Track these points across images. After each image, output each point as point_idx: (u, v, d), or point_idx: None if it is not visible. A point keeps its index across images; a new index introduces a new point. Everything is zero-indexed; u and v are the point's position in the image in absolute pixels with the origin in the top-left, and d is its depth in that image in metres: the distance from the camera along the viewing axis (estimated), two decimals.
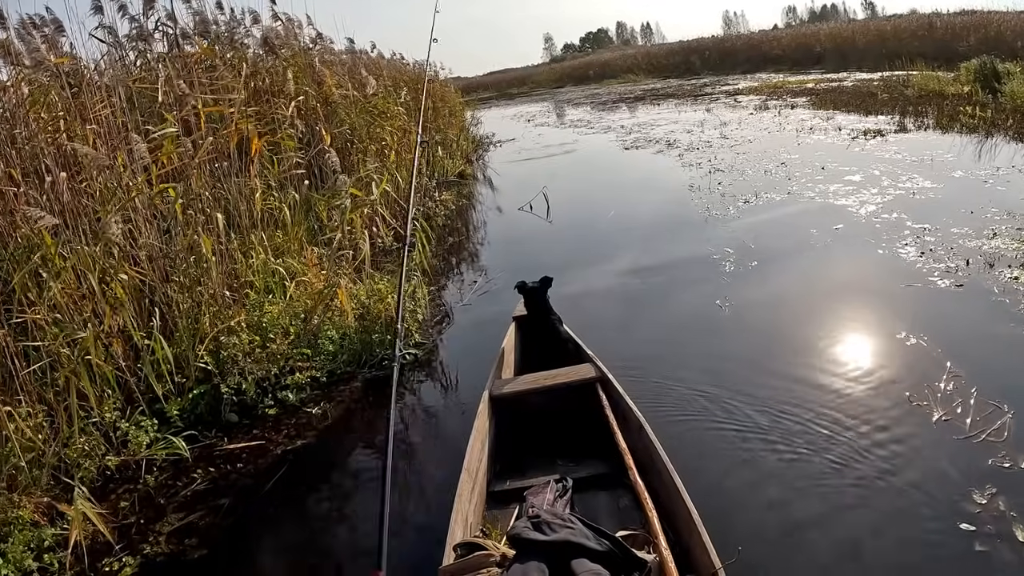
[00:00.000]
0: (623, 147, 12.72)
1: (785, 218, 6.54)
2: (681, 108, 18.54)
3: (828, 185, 7.38)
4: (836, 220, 6.11)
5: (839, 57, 25.95)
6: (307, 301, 4.55)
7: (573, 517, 2.05)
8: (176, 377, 3.92)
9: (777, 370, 3.65)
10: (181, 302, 4.07)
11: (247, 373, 3.94)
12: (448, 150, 12.09)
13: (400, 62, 12.86)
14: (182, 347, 4.01)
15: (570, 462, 2.92)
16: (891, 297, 4.43)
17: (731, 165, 9.28)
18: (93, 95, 4.25)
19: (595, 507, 2.60)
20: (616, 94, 28.34)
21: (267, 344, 4.16)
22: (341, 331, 4.40)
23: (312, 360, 4.19)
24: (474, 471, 2.69)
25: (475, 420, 2.99)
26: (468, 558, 2.04)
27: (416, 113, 10.33)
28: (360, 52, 10.94)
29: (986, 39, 18.97)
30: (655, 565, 1.95)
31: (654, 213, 7.57)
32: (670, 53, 39.00)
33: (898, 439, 2.93)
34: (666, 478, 2.37)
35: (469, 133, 15.92)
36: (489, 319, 4.80)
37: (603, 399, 3.08)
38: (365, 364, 4.30)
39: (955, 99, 12.01)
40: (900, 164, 7.98)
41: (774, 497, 2.69)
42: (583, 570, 1.84)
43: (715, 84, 25.61)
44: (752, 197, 7.31)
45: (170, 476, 3.50)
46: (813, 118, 12.79)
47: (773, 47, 31.78)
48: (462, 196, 10.06)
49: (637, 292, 5.25)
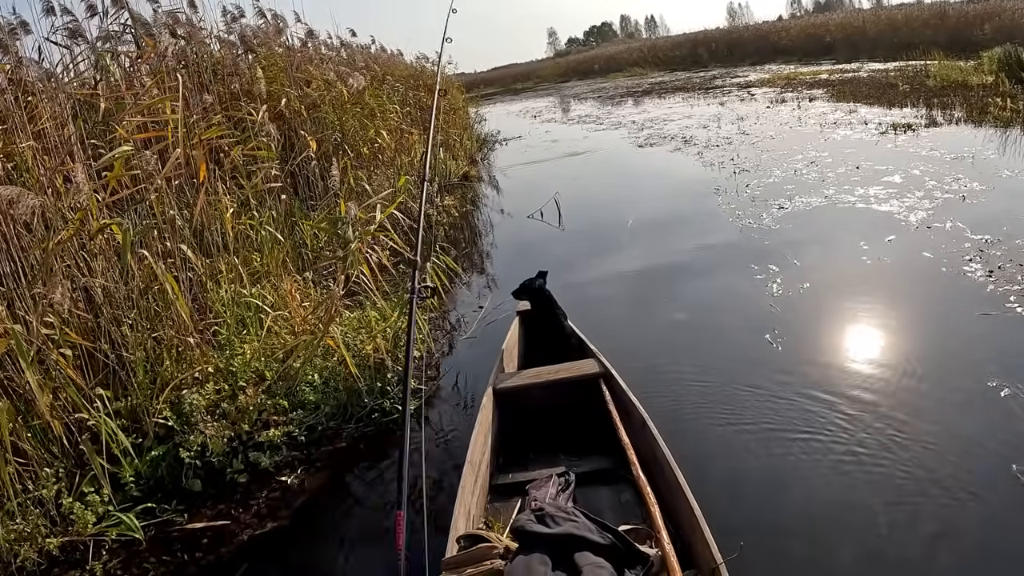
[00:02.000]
0: (636, 145, 12.04)
1: (828, 228, 5.86)
2: (692, 102, 17.87)
3: (867, 187, 6.71)
4: (885, 230, 5.44)
5: (850, 47, 25.57)
6: (286, 338, 3.94)
7: (576, 510, 2.07)
8: (132, 436, 3.32)
9: (844, 434, 3.02)
10: (137, 347, 3.46)
11: (212, 433, 3.32)
12: (451, 150, 11.45)
13: (397, 57, 12.18)
14: (139, 399, 3.41)
15: (573, 456, 2.94)
16: (967, 331, 3.76)
17: (756, 165, 8.61)
18: (37, 107, 3.63)
19: (597, 501, 2.62)
20: (623, 88, 27.75)
21: (237, 394, 3.55)
22: (325, 374, 3.76)
23: (290, 414, 3.55)
24: (477, 464, 2.70)
25: (478, 414, 3.00)
26: (471, 550, 2.03)
27: (414, 111, 9.73)
28: (358, 47, 10.30)
29: (1001, 27, 18.51)
30: (657, 559, 1.95)
31: (679, 222, 6.82)
32: (676, 45, 38.75)
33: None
34: (668, 473, 2.37)
35: (473, 131, 15.26)
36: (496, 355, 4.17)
37: (606, 394, 3.06)
38: (351, 417, 3.64)
39: (981, 90, 11.50)
40: (939, 162, 7.33)
41: (778, 494, 2.70)
42: (586, 563, 1.83)
43: (724, 76, 25.06)
44: (786, 202, 6.64)
45: (122, 561, 2.90)
46: (835, 111, 12.15)
47: (782, 38, 31.49)
48: (466, 200, 9.41)
49: (674, 323, 4.55)
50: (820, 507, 2.59)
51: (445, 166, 10.40)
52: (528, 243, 7.18)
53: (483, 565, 1.96)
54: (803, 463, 2.85)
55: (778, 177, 7.77)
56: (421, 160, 8.79)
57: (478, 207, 9.22)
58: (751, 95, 17.25)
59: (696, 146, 10.71)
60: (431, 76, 11.98)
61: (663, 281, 5.29)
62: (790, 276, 4.83)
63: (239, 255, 4.25)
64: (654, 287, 5.20)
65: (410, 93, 9.55)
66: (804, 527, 2.51)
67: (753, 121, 12.44)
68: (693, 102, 17.85)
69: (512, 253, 6.83)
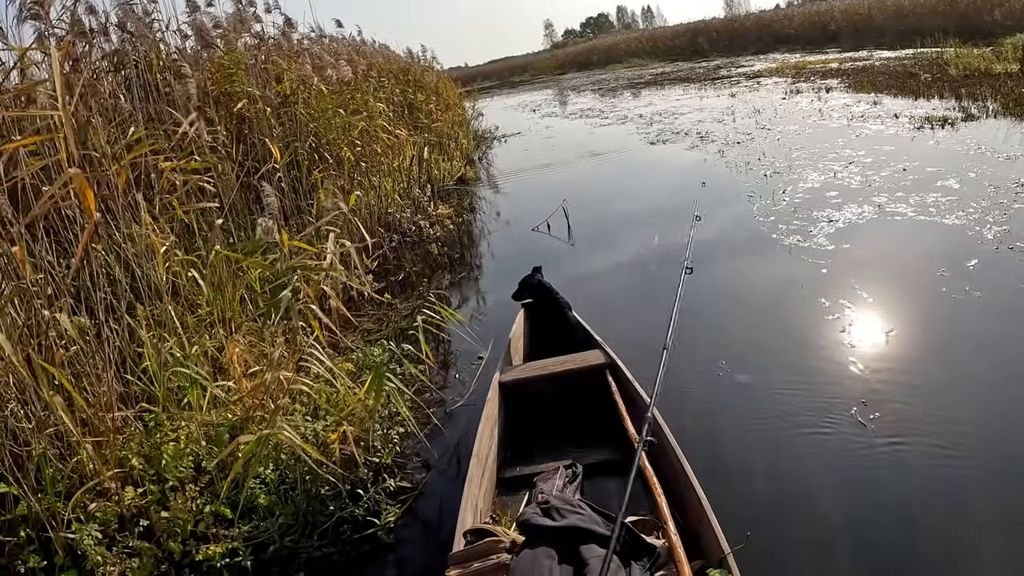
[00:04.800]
0: (648, 142, 11.11)
1: (894, 248, 4.95)
2: (700, 93, 16.97)
3: (921, 194, 5.82)
4: (963, 252, 4.53)
5: (855, 35, 25.00)
6: (233, 413, 3.06)
7: (582, 503, 2.09)
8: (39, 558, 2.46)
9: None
10: (35, 442, 2.58)
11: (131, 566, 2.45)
12: (445, 150, 10.53)
13: (385, 50, 11.22)
14: (47, 503, 2.55)
15: (579, 448, 2.91)
16: None
17: (788, 165, 7.70)
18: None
19: (605, 493, 2.58)
20: (624, 79, 26.92)
21: (168, 497, 2.68)
22: (280, 466, 2.86)
23: (234, 527, 2.67)
24: (483, 457, 2.68)
25: (484, 407, 2.97)
26: (478, 544, 2.00)
27: (399, 108, 8.78)
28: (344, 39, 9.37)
29: (1011, 12, 17.84)
30: (664, 550, 1.92)
31: (715, 242, 5.55)
32: (676, 35, 38.43)
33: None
34: (675, 464, 2.36)
35: (469, 128, 14.33)
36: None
37: (612, 385, 3.05)
38: (312, 531, 2.73)
39: (1008, 79, 10.77)
40: (992, 163, 6.48)
41: (786, 483, 2.65)
42: (592, 556, 1.81)
43: (728, 66, 24.31)
44: (834, 213, 5.72)
45: None
46: (857, 103, 11.28)
47: (784, 26, 31.04)
48: (463, 208, 8.51)
49: (744, 403, 3.31)
50: (828, 499, 2.53)
51: (438, 169, 9.51)
52: (534, 262, 5.94)
53: (489, 559, 1.94)
54: (814, 458, 2.76)
55: (816, 181, 6.85)
56: (411, 165, 7.96)
57: (476, 216, 8.25)
58: (761, 85, 16.42)
59: (715, 143, 9.81)
60: (422, 71, 11.09)
61: (710, 328, 4.09)
62: (866, 318, 3.93)
63: (181, 302, 3.37)
64: (702, 334, 3.97)
65: (397, 89, 8.59)
66: (811, 518, 2.45)
67: (771, 114, 11.53)
68: (701, 94, 16.93)
69: (515, 275, 5.53)
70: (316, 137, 5.91)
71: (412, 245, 6.96)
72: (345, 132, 6.19)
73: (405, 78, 9.99)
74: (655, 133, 11.74)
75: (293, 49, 6.68)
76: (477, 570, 1.93)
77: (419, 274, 6.09)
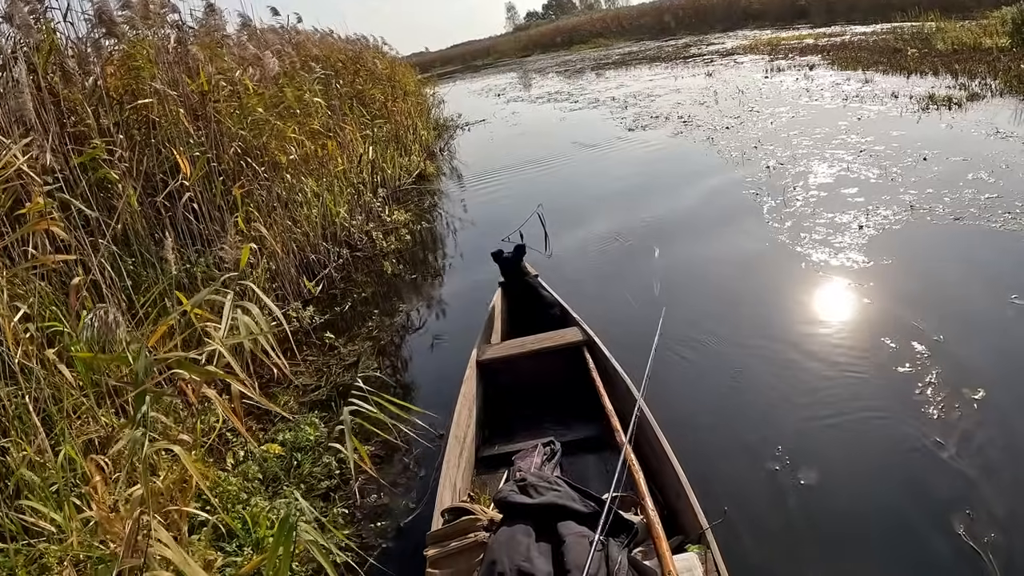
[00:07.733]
0: (626, 128, 10.17)
1: (945, 263, 4.05)
2: (674, 73, 16.12)
3: (955, 191, 4.98)
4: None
5: (825, 10, 24.41)
6: (109, 541, 2.07)
7: (559, 480, 2.06)
8: None
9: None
10: None
11: None
12: (402, 143, 9.46)
13: (328, 38, 10.05)
14: None
15: (559, 426, 2.88)
16: None
17: (790, 155, 6.83)
18: None
19: (584, 470, 2.58)
20: (591, 60, 26.06)
21: None
22: None
23: None
24: (461, 436, 2.66)
25: (462, 386, 2.95)
26: (455, 523, 1.99)
27: (344, 102, 7.66)
28: (282, 28, 8.25)
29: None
30: (642, 526, 1.89)
31: (726, 256, 4.69)
32: (641, 14, 38.41)
33: None
34: (654, 440, 2.34)
35: (430, 118, 13.24)
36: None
37: (590, 362, 3.04)
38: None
39: (1000, 53, 10.30)
40: (1020, 150, 5.74)
41: (763, 459, 2.58)
42: (569, 532, 1.80)
43: (698, 44, 23.68)
44: (862, 217, 4.80)
45: None
46: (847, 81, 10.56)
47: (752, 2, 30.42)
48: (422, 212, 7.49)
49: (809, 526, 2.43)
50: (806, 472, 2.49)
51: (394, 166, 8.46)
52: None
53: (467, 538, 1.92)
54: (794, 430, 2.72)
55: (827, 175, 5.97)
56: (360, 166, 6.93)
57: (437, 225, 7.13)
58: (738, 64, 15.67)
59: (701, 128, 8.94)
60: (373, 58, 10.01)
61: (738, 392, 3.15)
62: (942, 370, 3.02)
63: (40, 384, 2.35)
64: (731, 403, 3.08)
65: (340, 81, 7.49)
66: (789, 492, 2.41)
67: (756, 95, 10.69)
68: (675, 73, 16.07)
69: (482, 301, 4.11)
70: (243, 143, 4.88)
71: (363, 261, 5.95)
72: (276, 136, 5.14)
73: (354, 67, 8.90)
74: (632, 118, 10.81)
75: (214, 40, 5.59)
76: (455, 548, 1.91)
77: (369, 302, 5.10)
